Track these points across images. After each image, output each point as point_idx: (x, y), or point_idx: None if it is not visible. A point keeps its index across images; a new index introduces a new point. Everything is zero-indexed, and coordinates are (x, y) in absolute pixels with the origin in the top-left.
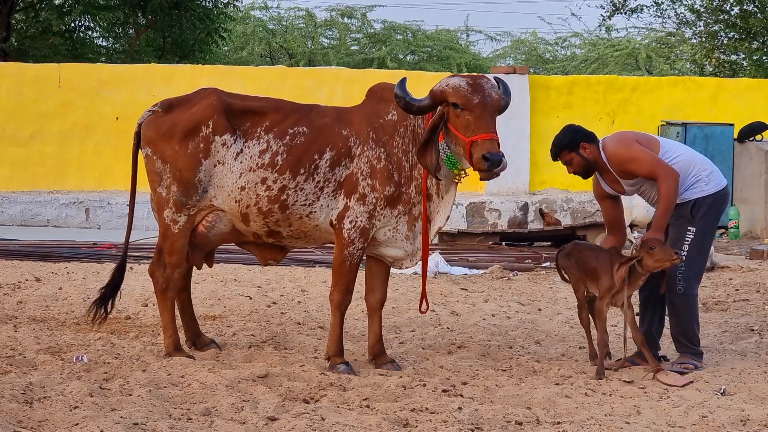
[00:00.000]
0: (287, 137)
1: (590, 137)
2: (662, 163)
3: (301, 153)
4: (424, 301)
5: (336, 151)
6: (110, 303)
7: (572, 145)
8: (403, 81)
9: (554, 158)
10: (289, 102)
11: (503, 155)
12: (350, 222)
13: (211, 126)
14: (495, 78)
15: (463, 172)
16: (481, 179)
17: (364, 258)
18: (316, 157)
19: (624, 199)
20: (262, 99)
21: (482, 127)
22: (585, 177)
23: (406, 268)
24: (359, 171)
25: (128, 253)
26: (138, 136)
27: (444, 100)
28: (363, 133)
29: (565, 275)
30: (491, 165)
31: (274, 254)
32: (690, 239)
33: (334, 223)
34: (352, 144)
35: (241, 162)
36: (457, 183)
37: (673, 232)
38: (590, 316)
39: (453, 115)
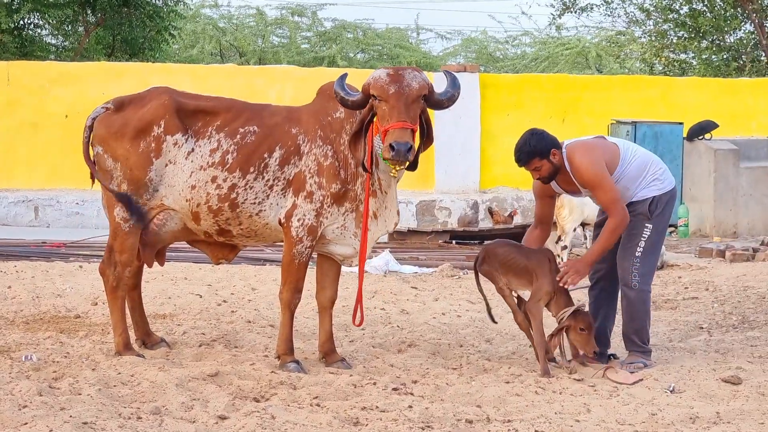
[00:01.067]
0: (238, 136)
1: (557, 143)
2: (620, 204)
3: (251, 152)
4: (359, 311)
5: (285, 149)
6: None
7: (544, 152)
8: (342, 77)
9: (523, 164)
10: (241, 101)
11: (410, 144)
12: (298, 220)
13: (162, 125)
14: (444, 72)
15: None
16: (408, 169)
17: (315, 256)
18: (265, 155)
19: (575, 198)
20: (214, 98)
21: (394, 116)
22: (548, 182)
23: (356, 265)
24: (307, 169)
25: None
26: (90, 129)
27: (370, 94)
28: (311, 131)
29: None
30: (395, 155)
31: (225, 253)
32: (647, 236)
33: (283, 221)
34: (301, 142)
35: (191, 161)
36: (395, 177)
37: (630, 228)
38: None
39: (376, 106)
